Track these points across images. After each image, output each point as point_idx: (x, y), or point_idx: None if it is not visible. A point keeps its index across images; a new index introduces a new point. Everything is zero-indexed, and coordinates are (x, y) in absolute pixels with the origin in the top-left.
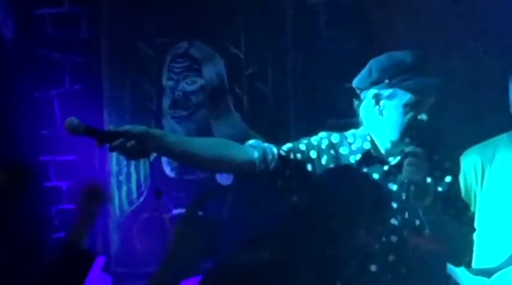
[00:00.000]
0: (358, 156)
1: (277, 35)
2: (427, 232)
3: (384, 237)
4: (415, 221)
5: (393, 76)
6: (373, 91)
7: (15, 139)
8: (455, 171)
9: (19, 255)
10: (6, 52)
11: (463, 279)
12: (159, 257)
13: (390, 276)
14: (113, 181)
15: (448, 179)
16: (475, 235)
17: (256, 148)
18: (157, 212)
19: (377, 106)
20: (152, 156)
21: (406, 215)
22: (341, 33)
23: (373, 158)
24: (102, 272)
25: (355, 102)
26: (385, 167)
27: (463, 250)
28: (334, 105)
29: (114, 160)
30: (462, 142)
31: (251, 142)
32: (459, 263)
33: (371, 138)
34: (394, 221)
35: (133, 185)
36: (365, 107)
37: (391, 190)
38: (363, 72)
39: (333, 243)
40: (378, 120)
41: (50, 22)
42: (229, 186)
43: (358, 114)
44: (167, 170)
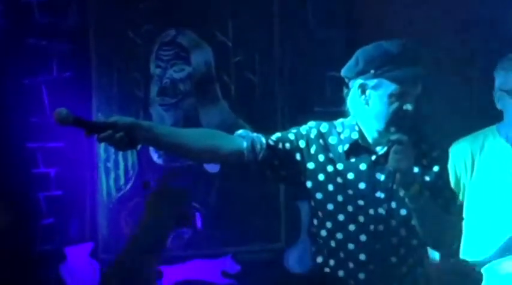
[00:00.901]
0: (346, 146)
1: (264, 23)
2: (413, 222)
3: (372, 227)
4: (402, 211)
5: (379, 66)
6: (359, 81)
7: (3, 126)
8: (444, 161)
9: (8, 241)
10: None
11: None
12: None
13: (379, 265)
14: (101, 168)
15: (436, 168)
16: (464, 224)
17: (245, 138)
18: (144, 199)
19: (363, 96)
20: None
21: (393, 204)
22: (328, 22)
23: (360, 148)
24: (90, 258)
25: (345, 91)
26: (373, 157)
27: (449, 240)
28: (321, 94)
29: (102, 147)
30: (451, 132)
31: (239, 132)
32: (445, 253)
33: (359, 127)
34: (382, 211)
35: (121, 172)
36: (352, 97)
37: (379, 180)
38: (351, 62)
39: None
40: (364, 109)
41: (37, 10)
42: (216, 174)
43: (345, 104)
44: (154, 157)
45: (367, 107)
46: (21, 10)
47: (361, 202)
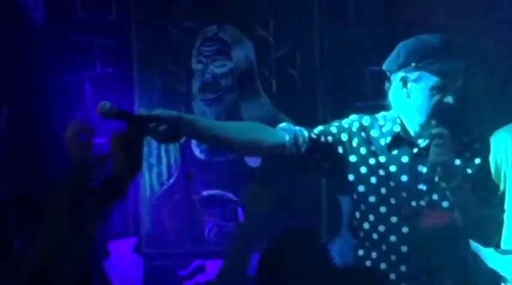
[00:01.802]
0: (389, 139)
1: (305, 18)
2: (455, 214)
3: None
4: (444, 203)
5: (420, 59)
6: (401, 74)
7: (47, 122)
8: (485, 152)
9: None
10: (37, 37)
11: (490, 260)
12: (189, 237)
13: (420, 257)
14: (144, 163)
15: (477, 160)
16: (505, 216)
17: (287, 131)
18: (187, 194)
19: (404, 89)
20: (182, 140)
21: (435, 197)
22: (368, 17)
23: (402, 140)
24: (134, 252)
25: (386, 84)
26: (415, 150)
27: (492, 231)
28: (362, 88)
29: (145, 142)
30: (492, 123)
31: (282, 125)
32: (487, 245)
33: (401, 120)
34: (423, 203)
35: (163, 167)
36: (393, 90)
37: (421, 172)
38: (392, 55)
39: None
40: (406, 102)
41: (80, 6)
42: (257, 168)
43: (386, 98)
44: (197, 152)
45: (409, 100)
46: (64, 6)
47: (403, 194)
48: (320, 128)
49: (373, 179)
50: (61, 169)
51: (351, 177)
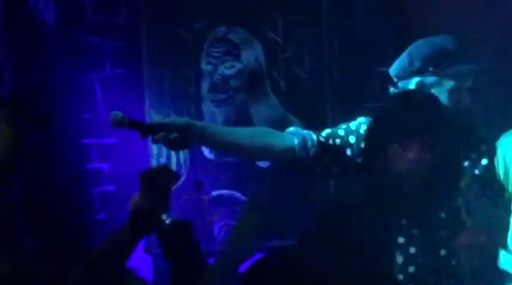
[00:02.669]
0: None
1: (313, 20)
2: (462, 215)
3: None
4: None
5: (437, 64)
6: (416, 79)
7: (58, 122)
8: (492, 154)
9: (63, 235)
10: (48, 38)
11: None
12: (199, 237)
13: (428, 258)
14: (154, 163)
15: (484, 162)
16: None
17: (296, 135)
18: (197, 194)
19: None
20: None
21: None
22: (376, 18)
23: None
24: (144, 252)
25: (391, 89)
26: None
27: (498, 232)
28: (370, 89)
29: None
30: (499, 124)
31: (290, 129)
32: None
33: None
34: None
35: (173, 168)
36: None
37: None
38: (404, 61)
39: None
40: None
41: (90, 8)
42: (267, 168)
43: None
44: (206, 152)
45: None
46: (74, 8)
47: None
48: (328, 131)
49: None
50: (71, 170)
51: None
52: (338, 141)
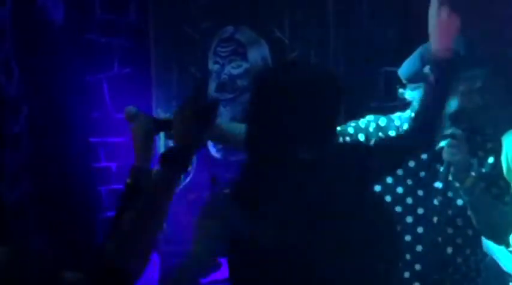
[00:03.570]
0: None
1: (320, 20)
2: (469, 212)
3: (429, 218)
4: (459, 201)
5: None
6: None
7: (66, 121)
8: (498, 152)
9: (71, 233)
10: (56, 37)
11: (501, 258)
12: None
13: (435, 256)
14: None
15: (490, 160)
16: None
17: None
18: (204, 193)
19: None
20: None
21: (450, 195)
22: (382, 18)
23: None
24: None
25: (399, 90)
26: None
27: (503, 229)
28: (375, 88)
29: (162, 141)
30: (504, 123)
31: None
32: (500, 242)
33: None
34: (436, 202)
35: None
36: (419, 97)
37: (438, 171)
38: (416, 66)
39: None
40: None
41: (99, 7)
42: None
43: (401, 99)
44: (213, 151)
45: None
46: (83, 7)
47: (420, 193)
48: (337, 128)
49: (389, 179)
50: (79, 169)
51: None
52: (348, 139)
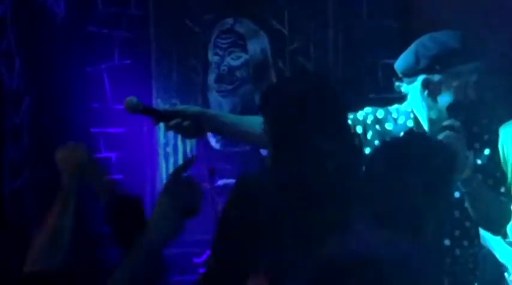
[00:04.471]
0: (401, 134)
1: (319, 12)
2: (466, 204)
3: None
4: (456, 193)
5: (443, 62)
6: (422, 76)
7: (67, 111)
8: (494, 143)
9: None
10: (58, 29)
11: (497, 250)
12: (204, 224)
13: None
14: (160, 153)
15: (487, 151)
16: None
17: None
18: (202, 183)
19: (426, 91)
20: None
21: None
22: (381, 10)
23: None
24: None
25: (396, 83)
26: None
27: (500, 220)
28: (374, 81)
29: (162, 133)
30: (500, 114)
31: None
32: (496, 233)
33: (414, 115)
34: None
35: (180, 157)
36: (412, 91)
37: None
38: (409, 59)
39: None
40: (428, 102)
41: None
42: None
43: (398, 92)
44: (212, 142)
45: (430, 100)
46: (85, 0)
47: None
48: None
49: None
50: None
51: None
52: None
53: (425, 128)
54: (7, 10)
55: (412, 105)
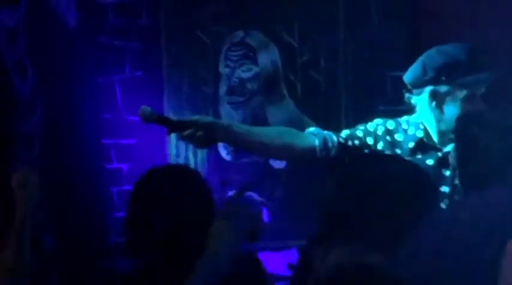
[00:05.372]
0: (411, 144)
1: (329, 24)
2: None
3: None
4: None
5: (450, 74)
6: (429, 88)
7: (79, 123)
8: None
9: (82, 233)
10: (70, 40)
11: None
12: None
13: None
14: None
15: None
16: None
17: (317, 135)
18: (215, 195)
19: (434, 102)
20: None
21: (457, 198)
22: (391, 23)
23: (426, 146)
24: None
25: (406, 95)
26: (440, 154)
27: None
28: (384, 93)
29: (173, 144)
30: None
31: (311, 129)
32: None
33: (424, 126)
34: (443, 205)
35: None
36: (421, 103)
37: (445, 175)
38: (417, 71)
39: None
40: (436, 114)
41: (111, 11)
42: (282, 170)
43: (408, 104)
44: (223, 153)
45: (438, 111)
46: (96, 11)
47: None
48: (346, 132)
49: None
50: (90, 169)
51: None
52: (357, 142)
53: (434, 139)
54: (20, 20)
55: (422, 117)
